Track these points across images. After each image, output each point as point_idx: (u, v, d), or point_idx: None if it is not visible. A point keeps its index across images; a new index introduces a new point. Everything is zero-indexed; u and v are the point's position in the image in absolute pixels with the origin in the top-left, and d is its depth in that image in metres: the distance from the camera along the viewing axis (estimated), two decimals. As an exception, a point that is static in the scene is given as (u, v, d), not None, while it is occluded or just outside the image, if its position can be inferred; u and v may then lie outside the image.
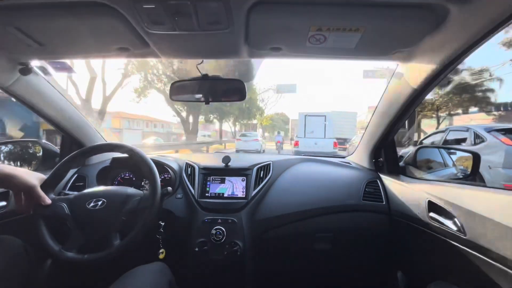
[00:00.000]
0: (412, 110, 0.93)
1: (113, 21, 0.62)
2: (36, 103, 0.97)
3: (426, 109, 12.61)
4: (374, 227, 1.02)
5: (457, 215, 0.68)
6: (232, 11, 0.58)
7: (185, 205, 1.02)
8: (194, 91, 0.97)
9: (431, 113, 13.01)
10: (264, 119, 30.17)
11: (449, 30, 0.60)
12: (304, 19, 0.62)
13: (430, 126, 12.72)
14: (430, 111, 12.82)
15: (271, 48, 0.76)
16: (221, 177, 1.08)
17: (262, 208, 1.01)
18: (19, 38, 0.69)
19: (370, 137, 1.14)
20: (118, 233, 0.75)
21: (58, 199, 0.79)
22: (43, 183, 0.78)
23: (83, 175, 1.10)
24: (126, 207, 0.77)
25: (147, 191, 0.81)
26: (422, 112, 12.38)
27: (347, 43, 0.70)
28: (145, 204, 0.77)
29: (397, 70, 0.87)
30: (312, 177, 1.13)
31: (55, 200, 0.78)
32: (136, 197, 0.80)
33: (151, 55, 0.82)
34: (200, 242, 0.92)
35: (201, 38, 0.70)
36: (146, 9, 0.57)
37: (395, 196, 0.99)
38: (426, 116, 13.19)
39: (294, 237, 1.03)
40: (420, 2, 0.56)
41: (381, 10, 0.59)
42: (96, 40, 0.74)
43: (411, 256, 0.94)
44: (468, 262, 0.64)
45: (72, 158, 0.85)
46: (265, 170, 1.10)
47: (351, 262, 1.12)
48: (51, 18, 0.63)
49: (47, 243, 0.73)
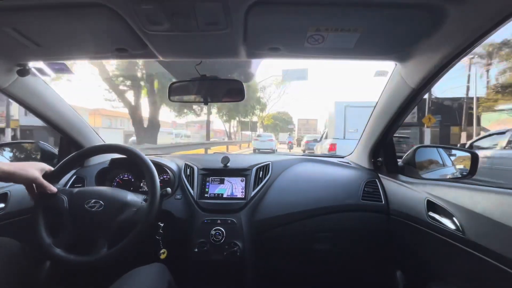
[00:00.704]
0: (410, 110, 0.93)
1: (111, 22, 0.62)
2: (34, 104, 0.97)
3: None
4: (373, 227, 1.02)
5: (456, 215, 0.68)
6: (230, 12, 0.58)
7: (184, 206, 1.02)
8: (193, 91, 0.97)
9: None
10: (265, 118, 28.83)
11: (447, 30, 0.60)
12: (302, 19, 0.62)
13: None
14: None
15: (269, 48, 0.76)
16: (220, 178, 1.07)
17: (261, 208, 1.01)
18: (16, 39, 0.69)
19: (369, 137, 1.14)
20: (107, 240, 0.74)
21: (61, 191, 0.79)
22: (50, 173, 0.78)
23: (82, 176, 1.10)
24: (121, 216, 0.76)
25: (145, 204, 0.80)
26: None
27: (346, 43, 0.71)
28: (140, 217, 0.77)
29: (395, 70, 0.88)
30: (311, 177, 1.13)
31: (59, 191, 0.78)
32: (133, 207, 0.79)
33: (149, 56, 0.82)
34: (200, 243, 0.92)
35: (199, 38, 0.70)
36: (144, 10, 0.57)
37: (394, 196, 0.99)
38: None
39: (293, 237, 1.03)
40: (418, 2, 0.56)
41: (379, 11, 0.59)
42: (94, 41, 0.74)
43: (410, 255, 0.94)
44: (466, 261, 0.64)
45: (81, 154, 0.86)
46: (264, 171, 1.09)
47: (350, 262, 1.12)
48: (49, 19, 0.63)
49: (40, 234, 0.73)
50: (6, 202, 0.89)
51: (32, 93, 0.94)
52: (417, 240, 0.86)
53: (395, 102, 0.92)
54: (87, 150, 0.90)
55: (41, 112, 1.00)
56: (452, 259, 0.71)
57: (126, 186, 1.09)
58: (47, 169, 0.78)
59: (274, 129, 36.61)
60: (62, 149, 1.18)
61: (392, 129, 1.03)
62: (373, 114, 1.08)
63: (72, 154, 0.85)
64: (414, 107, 0.92)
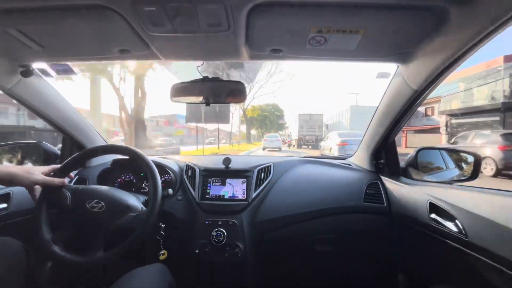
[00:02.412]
0: (412, 111, 0.93)
1: (114, 23, 0.62)
2: (37, 105, 0.98)
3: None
4: (375, 229, 1.01)
5: (458, 217, 0.68)
6: (232, 13, 0.58)
7: (185, 207, 1.02)
8: (195, 92, 0.97)
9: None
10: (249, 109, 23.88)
11: (449, 31, 0.60)
12: (304, 21, 0.62)
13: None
14: None
15: (271, 50, 0.76)
16: (221, 179, 1.07)
17: (262, 210, 1.00)
18: (20, 40, 0.70)
19: (370, 138, 1.14)
20: (103, 242, 0.75)
21: (66, 186, 0.80)
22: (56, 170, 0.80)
23: (84, 177, 1.10)
24: (120, 221, 0.77)
25: (144, 211, 0.80)
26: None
27: (348, 44, 0.70)
28: (138, 224, 0.76)
29: (397, 71, 0.87)
30: (312, 179, 1.13)
31: (64, 186, 0.79)
32: (133, 212, 0.79)
33: (151, 57, 0.82)
34: (201, 244, 0.92)
35: (201, 40, 0.71)
36: (147, 12, 0.57)
37: (396, 198, 0.98)
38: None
39: (295, 239, 1.03)
40: (420, 4, 0.56)
41: (381, 12, 0.59)
42: (97, 43, 0.74)
43: (412, 257, 0.94)
44: (469, 263, 0.64)
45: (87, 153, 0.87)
46: (265, 172, 1.09)
47: (352, 264, 1.12)
48: (53, 21, 0.64)
49: (41, 229, 0.74)
50: (9, 202, 0.90)
51: (35, 94, 0.95)
52: (419, 242, 0.86)
53: (397, 104, 0.91)
54: (91, 149, 0.90)
55: (44, 113, 1.01)
56: (454, 262, 0.70)
57: (128, 187, 1.10)
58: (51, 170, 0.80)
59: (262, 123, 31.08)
60: (64, 150, 1.19)
61: (394, 131, 1.03)
62: (375, 116, 1.08)
63: (77, 153, 0.85)
64: (416, 109, 0.92)
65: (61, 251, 0.72)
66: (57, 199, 0.77)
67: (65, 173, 0.83)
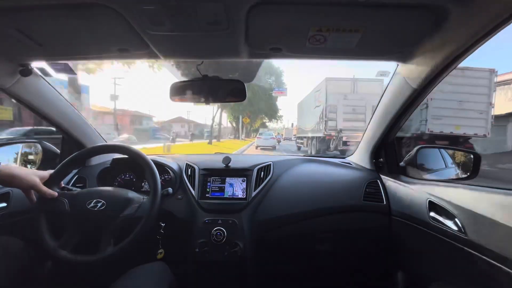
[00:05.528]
0: (412, 110, 0.93)
1: (113, 22, 0.62)
2: (36, 104, 0.97)
3: None
4: (375, 228, 1.01)
5: (458, 215, 0.68)
6: (232, 12, 0.58)
7: (185, 206, 1.02)
8: (194, 91, 0.97)
9: None
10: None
11: (449, 30, 0.60)
12: (304, 20, 0.62)
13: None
14: None
15: (271, 48, 0.76)
16: (221, 178, 1.08)
17: (262, 209, 1.01)
18: (19, 39, 0.70)
19: (370, 137, 1.14)
20: (112, 238, 0.75)
21: (61, 194, 0.79)
22: (49, 178, 0.79)
23: (84, 176, 1.10)
24: (124, 213, 0.77)
25: (146, 200, 0.81)
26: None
27: (347, 43, 0.70)
28: (143, 213, 0.78)
29: (397, 70, 0.87)
30: (312, 178, 1.13)
31: (59, 195, 0.79)
32: (135, 203, 0.80)
33: (151, 56, 0.82)
34: (201, 243, 0.92)
35: (201, 38, 0.70)
36: (146, 10, 0.57)
37: (396, 197, 0.99)
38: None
39: (295, 237, 1.03)
40: (420, 3, 0.56)
41: (381, 11, 0.59)
42: (96, 41, 0.74)
43: (412, 256, 0.94)
44: (468, 262, 0.64)
45: (79, 155, 0.86)
46: (265, 171, 1.09)
47: (351, 262, 1.12)
48: (52, 20, 0.63)
49: (44, 238, 0.74)
50: (8, 201, 0.90)
51: (34, 93, 0.95)
52: (419, 241, 0.86)
53: (397, 103, 0.91)
54: (89, 150, 0.90)
55: (43, 112, 1.01)
56: (454, 260, 0.70)
57: (127, 186, 1.10)
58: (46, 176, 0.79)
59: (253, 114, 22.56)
60: (64, 149, 1.19)
61: (394, 129, 1.03)
62: (374, 114, 1.08)
63: (70, 156, 0.85)
64: (416, 107, 0.92)
65: (70, 255, 0.73)
66: (54, 207, 0.77)
67: (55, 183, 0.81)
